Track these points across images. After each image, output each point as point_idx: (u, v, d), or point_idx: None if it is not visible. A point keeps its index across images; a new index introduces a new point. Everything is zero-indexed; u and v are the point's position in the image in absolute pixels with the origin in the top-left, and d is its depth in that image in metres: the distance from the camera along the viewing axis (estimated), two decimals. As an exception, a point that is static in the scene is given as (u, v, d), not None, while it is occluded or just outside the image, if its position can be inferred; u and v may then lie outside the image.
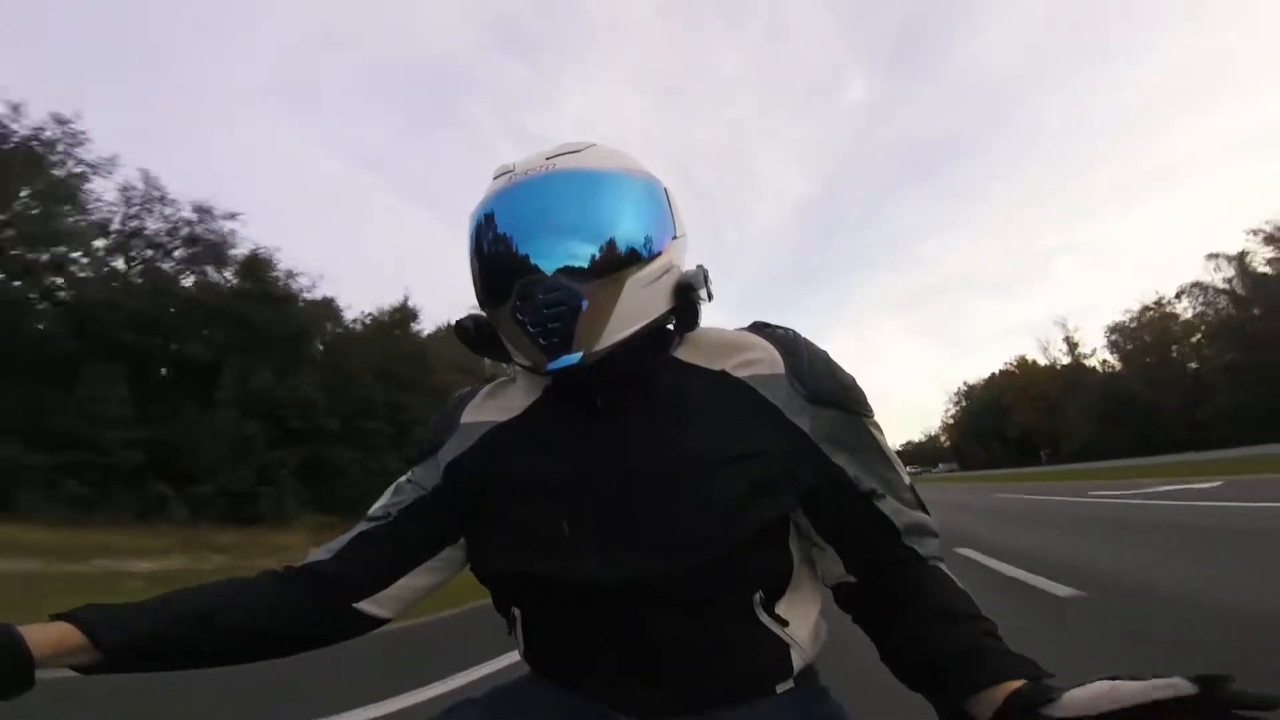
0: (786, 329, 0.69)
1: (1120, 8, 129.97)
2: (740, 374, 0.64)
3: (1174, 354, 37.33)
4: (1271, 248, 31.92)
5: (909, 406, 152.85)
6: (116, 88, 45.88)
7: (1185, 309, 37.48)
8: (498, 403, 0.72)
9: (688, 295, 0.64)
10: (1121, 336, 41.47)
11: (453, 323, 0.71)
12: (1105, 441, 37.33)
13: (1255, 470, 11.47)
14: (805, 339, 0.69)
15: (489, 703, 0.70)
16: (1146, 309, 39.35)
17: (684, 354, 0.67)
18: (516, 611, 0.67)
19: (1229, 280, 34.06)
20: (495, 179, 0.66)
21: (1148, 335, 39.40)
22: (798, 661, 0.64)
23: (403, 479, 0.74)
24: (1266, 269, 32.00)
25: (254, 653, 0.67)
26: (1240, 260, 33.20)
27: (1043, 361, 48.48)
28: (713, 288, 0.66)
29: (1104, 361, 45.66)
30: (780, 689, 0.63)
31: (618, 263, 0.60)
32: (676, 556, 0.58)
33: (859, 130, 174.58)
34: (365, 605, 0.69)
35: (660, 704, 0.60)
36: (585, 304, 0.58)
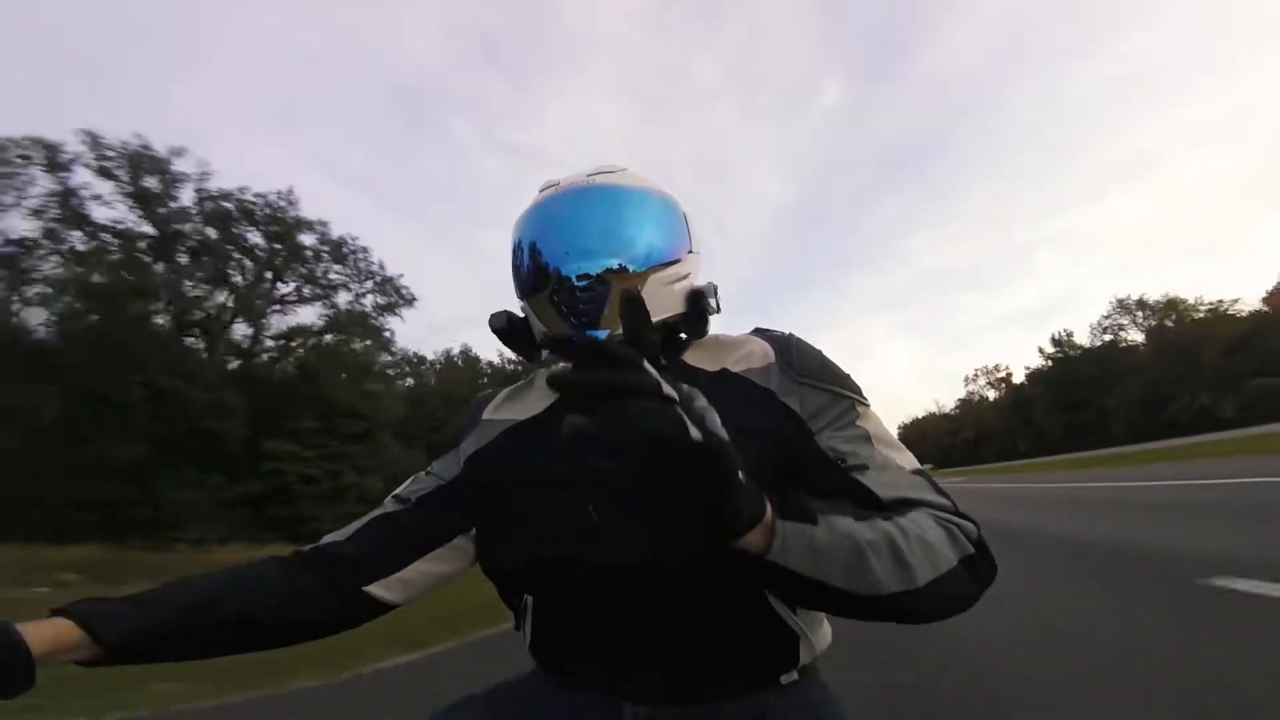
0: (783, 331, 0.74)
1: (1087, 5, 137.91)
2: (737, 369, 0.69)
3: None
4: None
5: (900, 403, 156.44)
6: (96, 107, 44.58)
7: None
8: (518, 403, 0.76)
9: (698, 303, 0.71)
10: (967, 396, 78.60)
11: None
12: (946, 458, 71.36)
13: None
14: (800, 338, 0.73)
15: (493, 697, 0.70)
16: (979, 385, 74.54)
17: (689, 358, 0.72)
18: (528, 600, 0.69)
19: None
20: (542, 191, 0.73)
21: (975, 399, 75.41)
22: (804, 654, 0.65)
23: (423, 470, 0.77)
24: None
25: (258, 641, 0.66)
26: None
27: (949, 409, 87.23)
28: (720, 301, 0.74)
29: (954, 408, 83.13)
30: (784, 680, 0.65)
31: (641, 261, 0.68)
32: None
33: (837, 133, 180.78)
34: (375, 589, 0.69)
35: (665, 691, 0.62)
36: (613, 291, 0.65)
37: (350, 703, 3.06)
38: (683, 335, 0.73)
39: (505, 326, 0.73)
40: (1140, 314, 48.00)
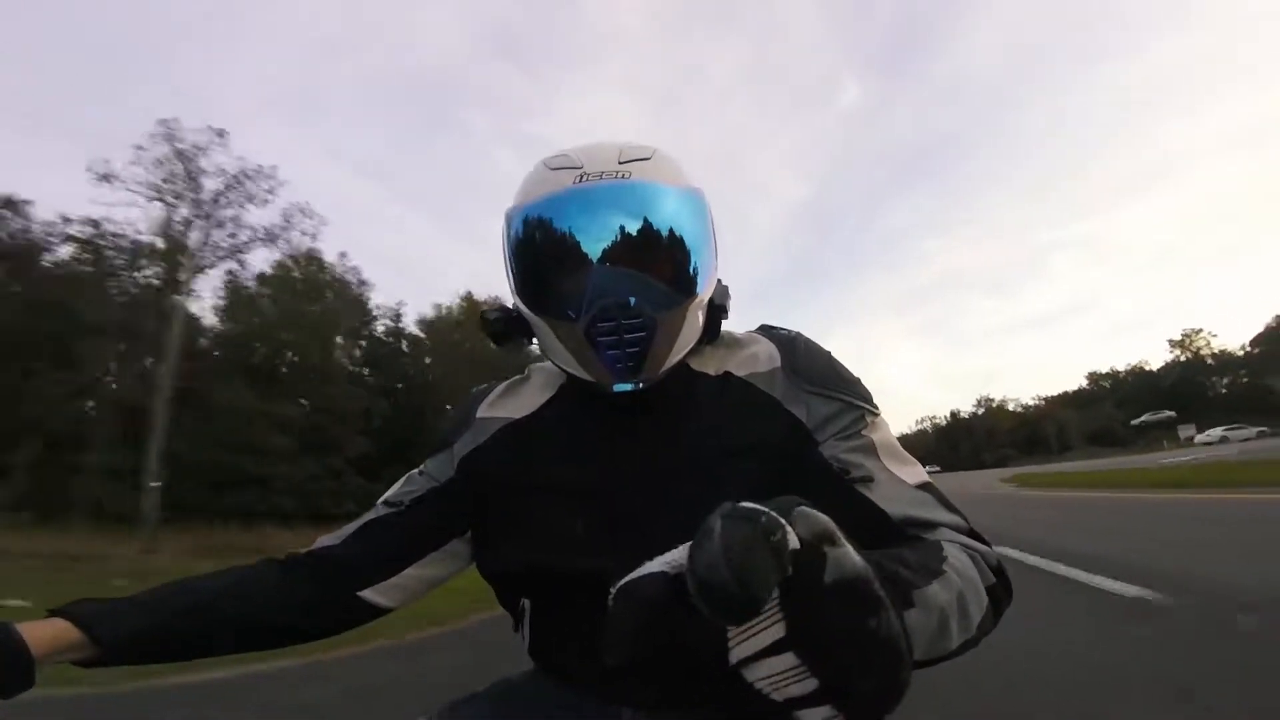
0: (790, 330, 0.71)
1: (1111, 7, 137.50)
2: (740, 373, 0.66)
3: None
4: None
5: (909, 404, 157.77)
6: (117, 99, 42.35)
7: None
8: (513, 400, 0.73)
9: (716, 316, 0.67)
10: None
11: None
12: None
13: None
14: (807, 338, 0.70)
15: (493, 697, 0.70)
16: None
17: (692, 360, 0.68)
18: (526, 604, 0.67)
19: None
20: (554, 170, 0.63)
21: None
22: None
23: (415, 470, 0.75)
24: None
25: (253, 644, 0.66)
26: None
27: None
28: (729, 303, 0.68)
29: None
30: None
31: (685, 291, 0.62)
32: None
33: (854, 132, 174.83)
34: (369, 594, 0.68)
35: (663, 698, 0.60)
36: (659, 331, 0.60)
37: None
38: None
39: (500, 326, 0.69)
40: (985, 405, 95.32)
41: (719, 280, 0.68)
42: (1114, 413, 70.28)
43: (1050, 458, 62.50)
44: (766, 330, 0.72)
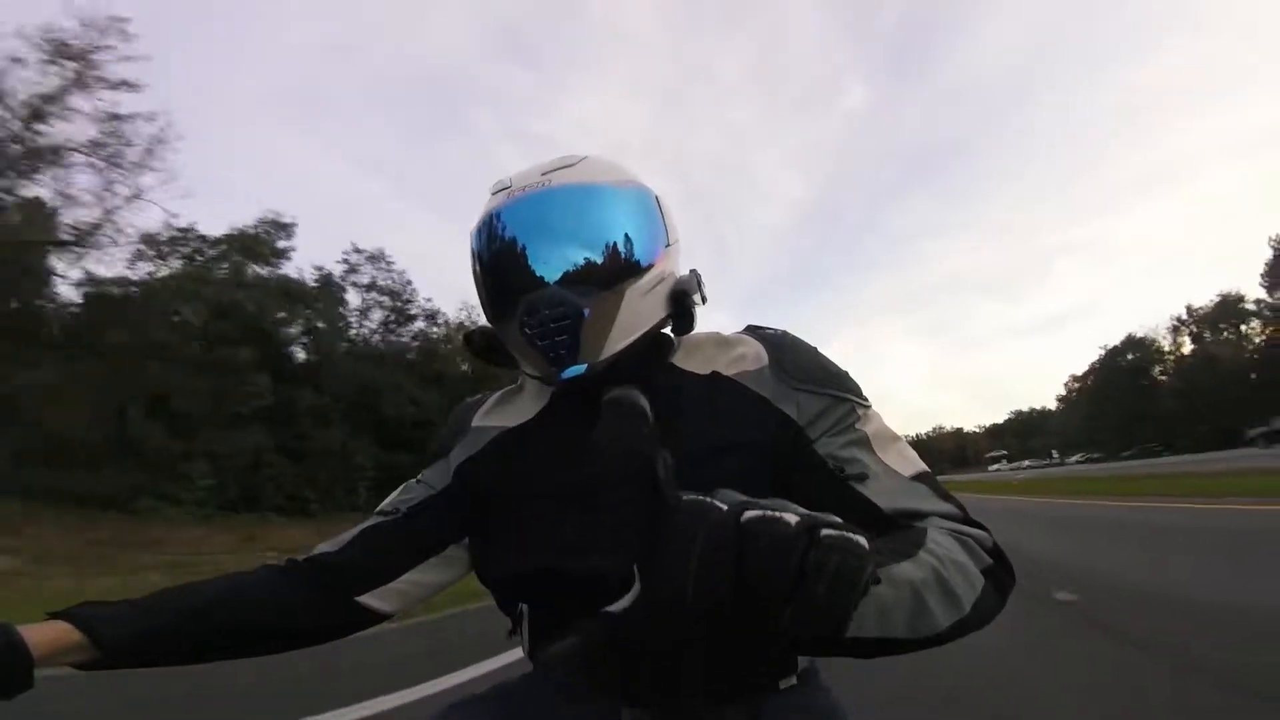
0: (776, 329, 0.72)
1: (1117, 10, 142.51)
2: (729, 372, 0.67)
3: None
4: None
5: (910, 407, 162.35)
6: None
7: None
8: (507, 409, 0.75)
9: (683, 301, 0.66)
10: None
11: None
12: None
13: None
14: (794, 336, 0.71)
15: (492, 699, 0.70)
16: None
17: (679, 360, 0.69)
18: (524, 608, 0.68)
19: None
20: (493, 194, 0.67)
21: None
22: (803, 659, 0.65)
23: (413, 479, 0.77)
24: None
25: (252, 648, 0.67)
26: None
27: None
28: (707, 291, 0.69)
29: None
30: (783, 685, 0.64)
31: (616, 275, 0.62)
32: None
33: (858, 134, 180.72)
34: (367, 598, 0.69)
35: (663, 697, 0.61)
36: (588, 316, 0.60)
37: None
38: (669, 333, 0.70)
39: (484, 345, 0.70)
40: (937, 431, 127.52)
41: (692, 271, 0.70)
42: (1011, 442, 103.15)
43: (966, 469, 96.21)
44: (753, 330, 0.73)
